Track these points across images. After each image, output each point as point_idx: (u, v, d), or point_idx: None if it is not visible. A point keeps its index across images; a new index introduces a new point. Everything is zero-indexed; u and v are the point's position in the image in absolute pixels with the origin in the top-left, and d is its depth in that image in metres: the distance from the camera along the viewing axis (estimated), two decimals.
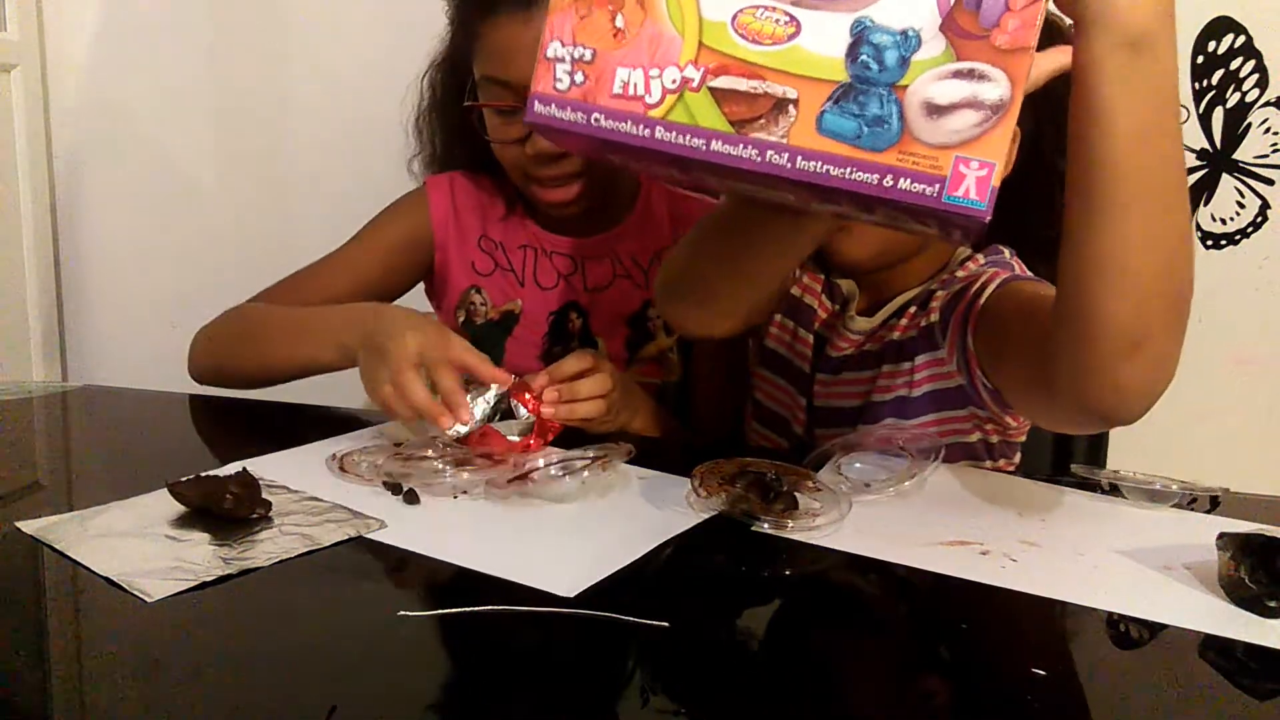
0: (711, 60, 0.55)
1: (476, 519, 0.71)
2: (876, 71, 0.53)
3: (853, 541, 0.67)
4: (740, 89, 0.55)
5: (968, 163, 0.53)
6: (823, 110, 0.54)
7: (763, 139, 0.55)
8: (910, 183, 0.54)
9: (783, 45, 0.54)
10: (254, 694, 0.49)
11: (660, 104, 0.56)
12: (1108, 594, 0.61)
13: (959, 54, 0.53)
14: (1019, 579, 0.62)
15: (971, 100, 0.53)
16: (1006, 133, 0.53)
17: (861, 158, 0.54)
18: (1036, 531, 0.70)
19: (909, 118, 0.53)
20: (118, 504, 0.71)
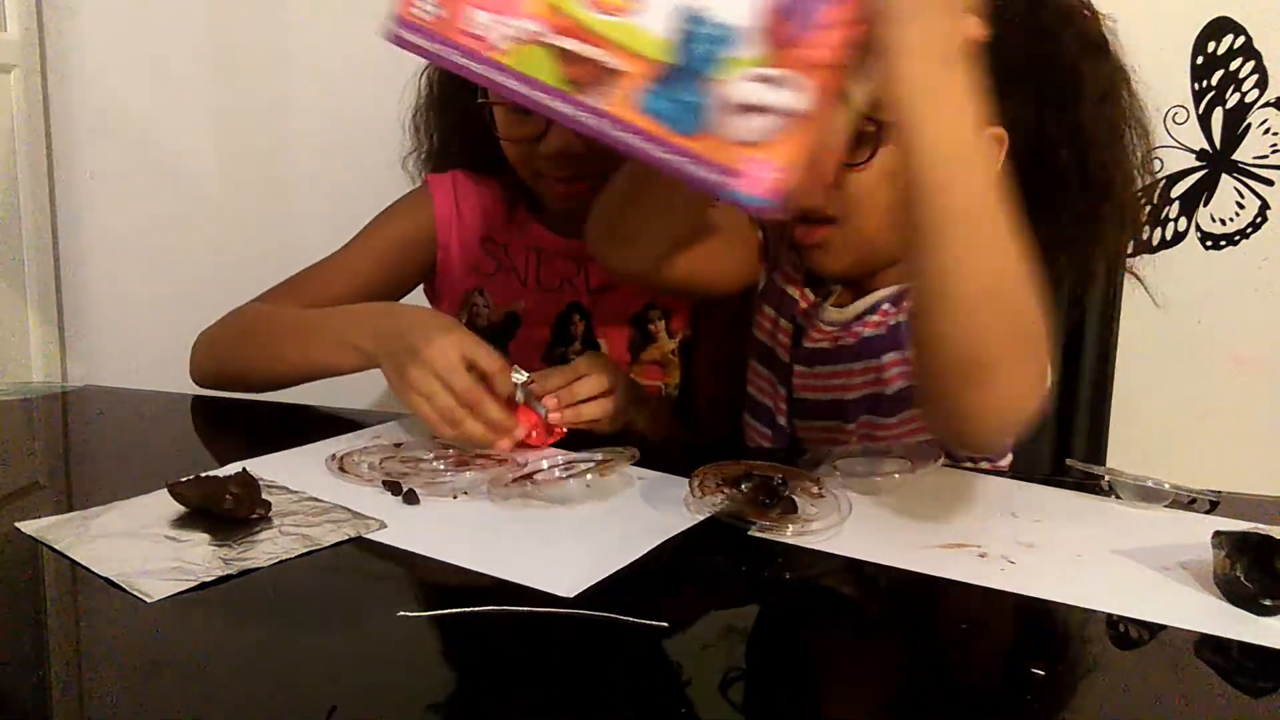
0: (556, 20, 0.59)
1: (476, 520, 0.71)
2: (697, 61, 0.56)
3: (851, 544, 0.67)
4: (577, 51, 0.59)
5: (758, 163, 0.56)
6: (644, 87, 0.58)
7: (588, 102, 0.58)
8: (704, 170, 0.57)
9: (622, 18, 0.58)
10: (254, 694, 0.49)
11: (505, 50, 0.60)
12: (1106, 595, 0.61)
13: (771, 60, 0.55)
14: (1018, 581, 0.62)
15: (773, 105, 0.56)
16: (802, 141, 0.56)
17: (669, 138, 0.57)
18: (1033, 533, 0.70)
19: (716, 111, 0.56)
20: (118, 504, 0.71)
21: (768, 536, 0.68)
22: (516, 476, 0.75)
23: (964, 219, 0.60)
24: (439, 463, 0.80)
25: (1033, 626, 0.61)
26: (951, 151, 0.59)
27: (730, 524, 0.69)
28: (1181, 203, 1.29)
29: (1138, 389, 1.28)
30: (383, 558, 0.65)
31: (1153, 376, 1.31)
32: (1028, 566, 0.64)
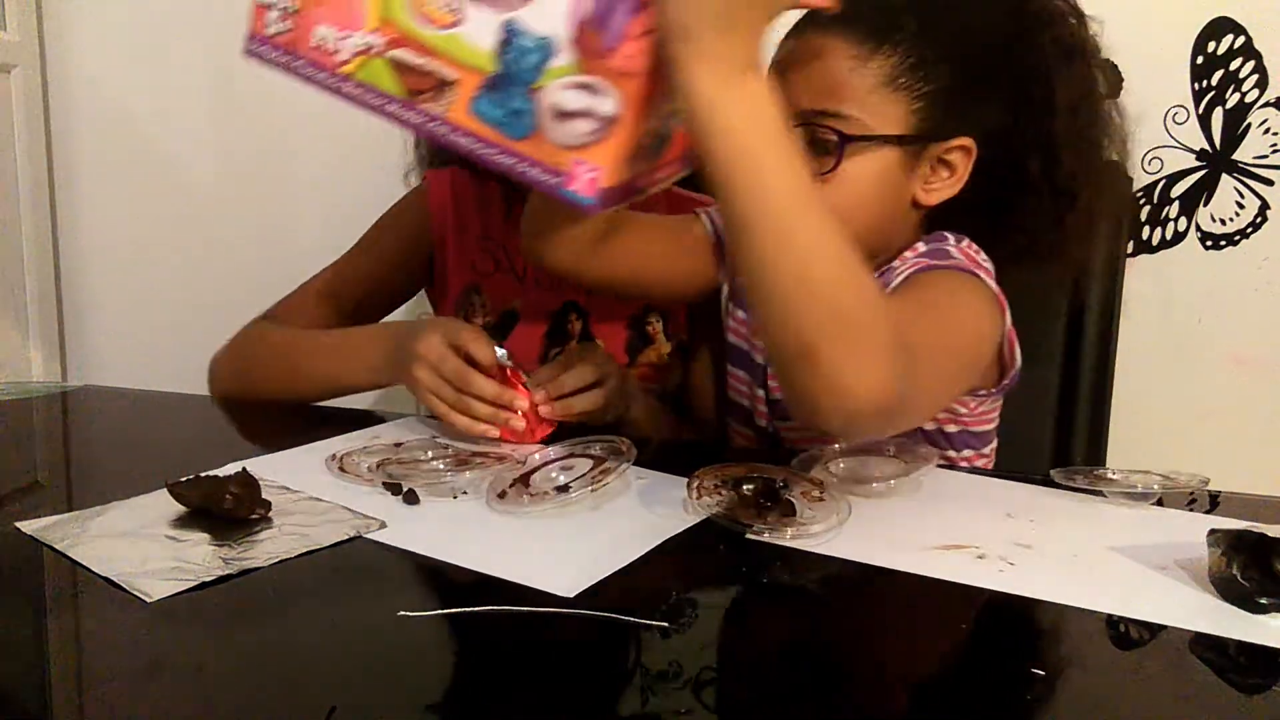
0: (391, 33, 0.62)
1: (476, 519, 0.71)
2: (518, 70, 0.60)
3: (849, 547, 0.67)
4: (413, 63, 0.62)
5: (582, 164, 0.61)
6: (475, 95, 0.61)
7: (428, 110, 0.62)
8: (538, 172, 0.62)
9: (447, 30, 0.61)
10: (254, 694, 0.49)
11: (349, 63, 0.63)
12: (1104, 595, 0.61)
13: (584, 68, 0.60)
14: (1017, 582, 0.62)
15: (589, 111, 0.60)
16: (619, 143, 0.60)
17: (503, 143, 0.62)
18: (1029, 533, 0.70)
19: (541, 116, 0.61)
20: (118, 504, 0.71)
21: (766, 539, 0.68)
22: (515, 478, 0.75)
23: (765, 220, 0.62)
24: (439, 462, 0.80)
25: (1031, 627, 0.61)
26: (744, 160, 0.62)
27: (728, 527, 0.69)
28: (1181, 203, 1.29)
29: (1138, 389, 1.28)
30: (383, 557, 0.65)
31: (1152, 376, 1.31)
32: (1025, 567, 0.64)
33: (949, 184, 0.90)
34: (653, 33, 0.59)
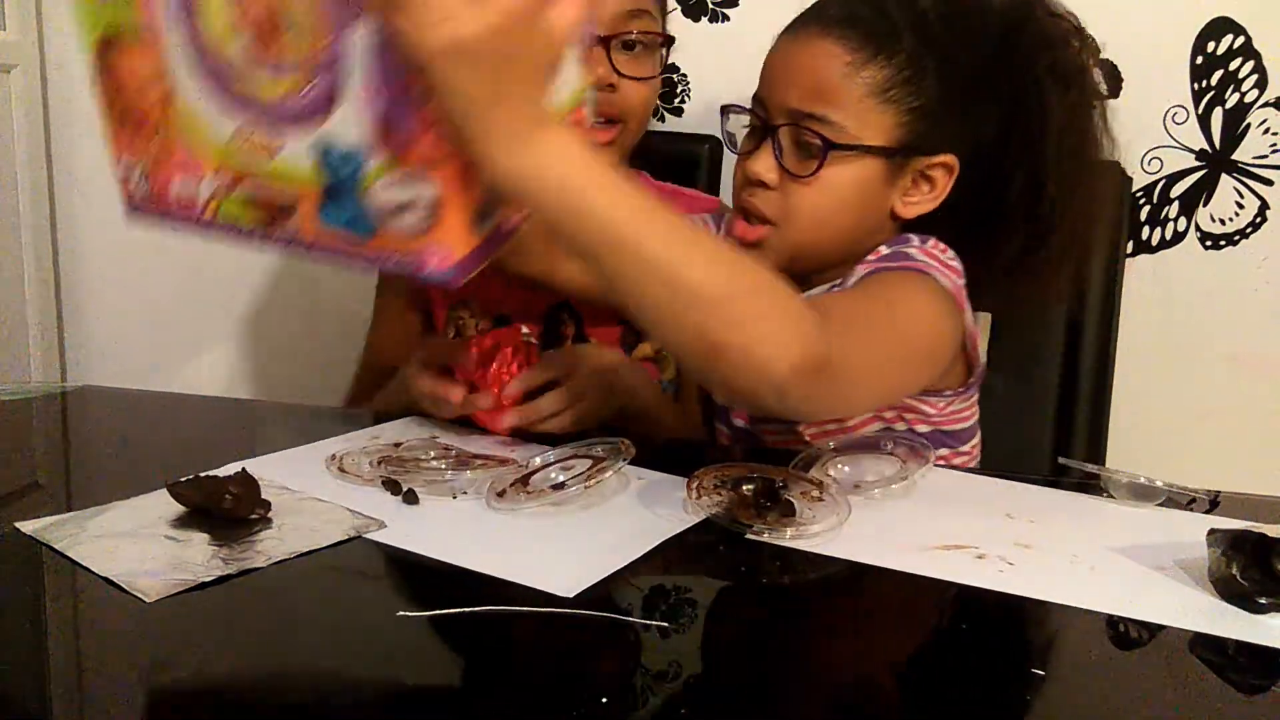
0: (229, 174, 0.66)
1: (476, 519, 0.71)
2: (342, 180, 0.64)
3: (848, 547, 0.67)
4: (256, 195, 0.66)
5: (429, 247, 0.64)
6: (317, 209, 0.65)
7: (285, 232, 0.66)
8: (396, 260, 0.66)
9: (273, 160, 0.64)
10: (253, 694, 0.50)
11: (208, 207, 0.67)
12: (1103, 595, 0.61)
13: (395, 164, 0.62)
14: (1017, 582, 0.62)
15: (415, 201, 0.63)
16: (454, 218, 0.63)
17: (357, 244, 0.65)
18: (1028, 533, 0.70)
19: (378, 214, 0.64)
20: (118, 504, 0.71)
21: (766, 540, 0.68)
22: (514, 480, 0.75)
23: (613, 250, 0.64)
24: (439, 462, 0.80)
25: (1031, 627, 0.61)
26: (566, 209, 0.63)
27: (728, 527, 0.69)
28: (1181, 203, 1.29)
29: (1137, 389, 1.28)
30: (382, 557, 0.65)
31: (1152, 376, 1.31)
32: (1025, 567, 0.64)
33: (929, 198, 0.90)
34: (440, 121, 0.61)
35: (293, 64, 0.62)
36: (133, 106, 0.67)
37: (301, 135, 0.63)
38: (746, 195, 0.90)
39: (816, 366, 0.67)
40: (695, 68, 1.36)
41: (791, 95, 0.86)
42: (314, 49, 0.61)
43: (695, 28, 1.34)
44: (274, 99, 0.63)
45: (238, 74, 0.63)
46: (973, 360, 0.89)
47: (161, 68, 0.65)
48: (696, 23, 1.34)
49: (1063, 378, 1.20)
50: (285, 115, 0.63)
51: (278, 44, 0.62)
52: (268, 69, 0.62)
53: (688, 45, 1.29)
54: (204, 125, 0.65)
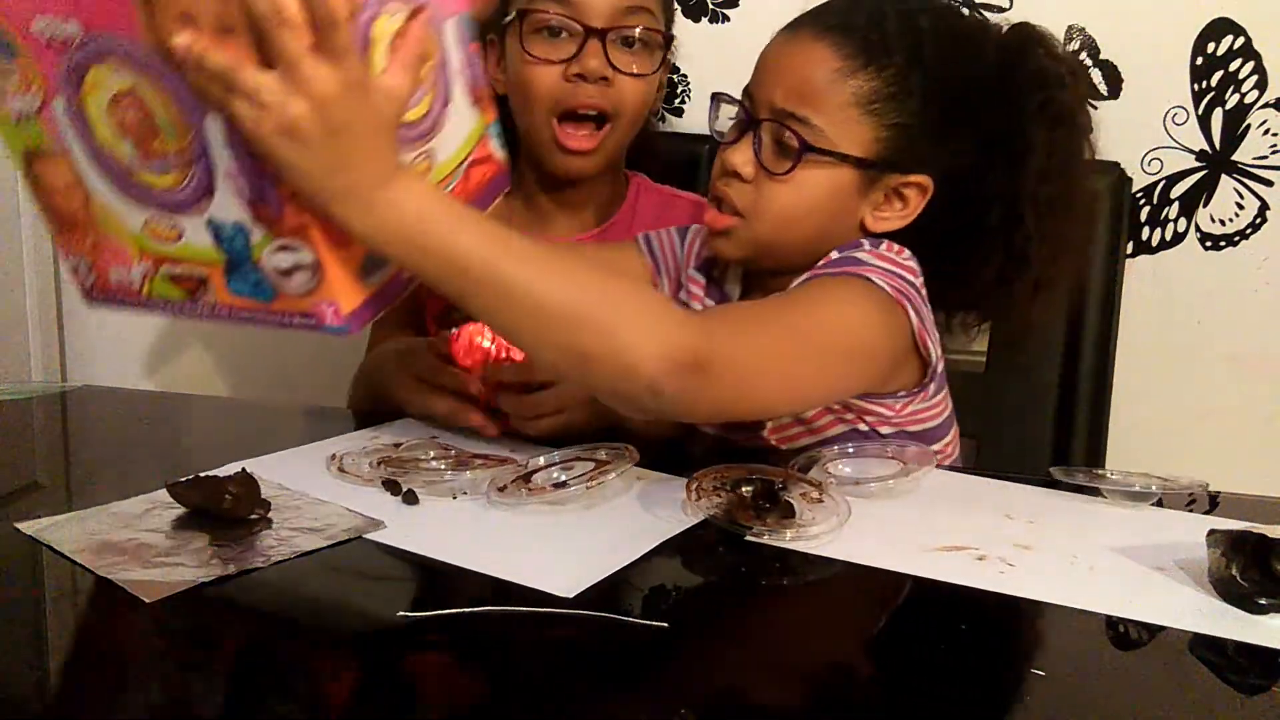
0: (150, 258, 0.73)
1: (476, 519, 0.71)
2: (237, 253, 0.70)
3: (848, 549, 0.67)
4: (176, 273, 0.73)
5: (321, 303, 0.70)
6: (225, 282, 0.72)
7: (208, 302, 0.73)
8: (298, 320, 0.72)
9: (179, 243, 0.71)
10: (252, 695, 0.50)
11: (143, 287, 0.74)
12: (1103, 596, 0.61)
13: (273, 234, 0.69)
14: (1017, 583, 0.62)
15: (298, 264, 0.69)
16: (337, 274, 0.70)
17: (264, 308, 0.72)
18: (1028, 534, 0.70)
19: (273, 280, 0.70)
20: (117, 504, 0.71)
21: (765, 541, 0.68)
22: (516, 477, 0.75)
23: (476, 285, 0.68)
24: (438, 463, 0.80)
25: (1031, 628, 0.61)
26: (425, 254, 0.68)
27: (727, 529, 0.69)
28: (1181, 203, 1.29)
29: (1137, 389, 1.28)
30: (382, 558, 0.65)
31: (1152, 377, 1.31)
32: (1025, 568, 0.64)
33: (899, 215, 0.90)
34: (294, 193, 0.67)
35: (172, 160, 0.69)
36: (64, 210, 0.75)
37: (195, 218, 0.71)
38: (721, 184, 0.91)
39: (690, 364, 0.69)
40: (695, 68, 1.36)
41: (777, 93, 0.87)
42: (182, 145, 0.68)
43: (695, 28, 1.34)
44: (164, 190, 0.70)
45: (132, 171, 0.70)
46: (926, 359, 0.89)
47: (75, 175, 0.72)
48: (696, 23, 1.34)
49: (1063, 378, 1.20)
50: (177, 204, 0.70)
51: (156, 144, 0.69)
52: (154, 166, 0.70)
53: (688, 45, 1.29)
54: (118, 220, 0.72)
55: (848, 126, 0.86)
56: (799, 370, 0.81)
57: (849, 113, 0.86)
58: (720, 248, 0.94)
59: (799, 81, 0.86)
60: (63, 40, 0.68)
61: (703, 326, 0.73)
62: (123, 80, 0.68)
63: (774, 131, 0.87)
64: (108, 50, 0.68)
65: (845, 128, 0.86)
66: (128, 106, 0.69)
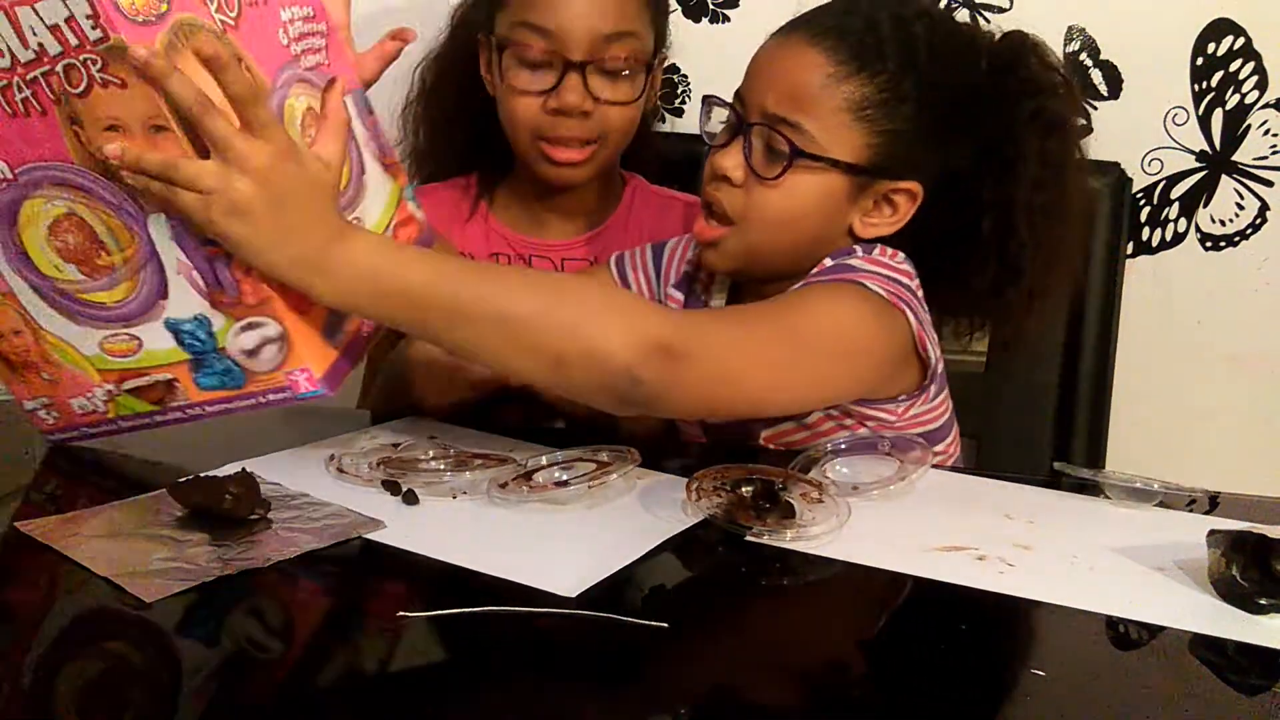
0: (111, 377, 0.75)
1: (476, 519, 0.71)
2: (201, 347, 0.74)
3: (848, 549, 0.67)
4: (141, 384, 0.75)
5: (292, 373, 0.74)
6: (193, 379, 0.75)
7: (179, 404, 0.76)
8: (273, 397, 0.76)
9: (138, 354, 0.74)
10: (252, 695, 0.50)
11: (108, 409, 0.77)
12: (1103, 596, 0.61)
13: (235, 317, 0.73)
14: (1017, 583, 0.62)
15: (265, 339, 0.73)
16: (304, 340, 0.74)
17: (236, 395, 0.76)
18: (1028, 534, 0.70)
19: (241, 363, 0.74)
20: (118, 504, 0.71)
21: (765, 541, 0.68)
22: (516, 476, 0.75)
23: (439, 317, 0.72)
24: (438, 463, 0.80)
25: (1031, 629, 0.61)
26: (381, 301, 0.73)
27: (727, 529, 0.69)
28: (1181, 204, 1.29)
29: (1137, 390, 1.28)
30: (382, 558, 0.65)
31: (1152, 377, 1.31)
32: (1025, 568, 0.64)
33: (889, 222, 0.90)
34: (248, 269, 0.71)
35: (121, 271, 0.72)
36: (13, 354, 0.77)
37: (152, 323, 0.74)
38: (712, 189, 0.91)
39: (663, 348, 0.71)
40: (695, 68, 1.36)
41: (769, 97, 0.87)
42: (128, 253, 0.72)
43: (695, 28, 1.34)
44: (117, 304, 0.73)
45: (82, 293, 0.73)
46: (925, 362, 0.89)
47: (20, 316, 0.75)
48: (697, 23, 1.34)
49: (1063, 378, 1.20)
50: (131, 314, 0.74)
51: (102, 259, 0.72)
52: (102, 283, 0.73)
53: (688, 45, 1.29)
54: (74, 349, 0.75)
55: (839, 132, 0.86)
56: (787, 366, 0.81)
57: (841, 118, 0.85)
58: (710, 259, 0.94)
59: (791, 86, 0.86)
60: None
61: (676, 316, 0.74)
62: (57, 207, 0.71)
63: (765, 136, 0.87)
64: (38, 181, 0.71)
65: (837, 133, 0.86)
66: (67, 230, 0.72)
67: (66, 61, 0.65)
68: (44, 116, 0.68)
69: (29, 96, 0.67)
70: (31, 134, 0.69)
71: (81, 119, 0.67)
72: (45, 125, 0.68)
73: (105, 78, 0.66)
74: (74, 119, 0.68)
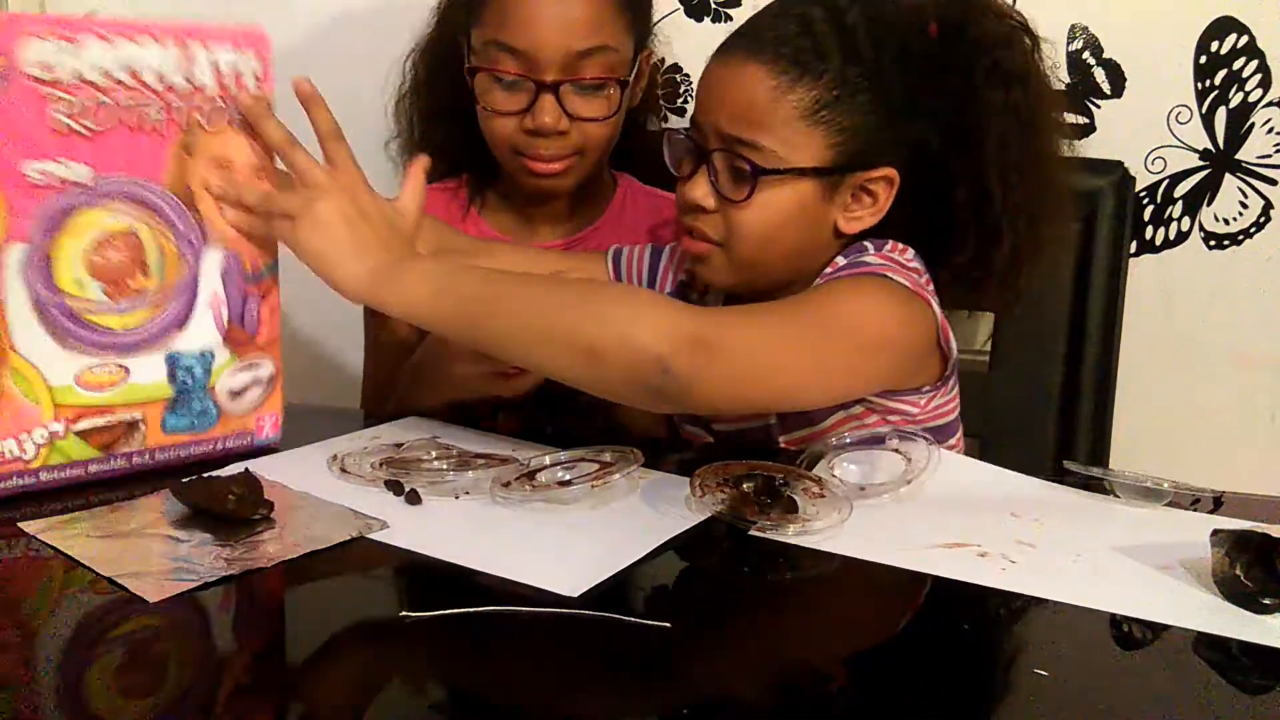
0: (69, 412, 0.72)
1: (479, 519, 0.71)
2: (193, 383, 0.78)
3: (851, 544, 0.67)
4: (99, 424, 0.74)
5: (261, 418, 0.82)
6: (162, 419, 0.77)
7: (128, 451, 0.75)
8: (232, 441, 0.81)
9: (118, 387, 0.74)
10: (256, 696, 0.50)
11: (37, 455, 0.71)
12: (1106, 594, 0.61)
13: (240, 355, 0.80)
14: (1019, 581, 0.62)
15: (254, 381, 0.81)
16: (280, 389, 0.83)
17: (198, 439, 0.79)
18: (1032, 531, 0.70)
19: (222, 404, 0.80)
20: (119, 504, 0.71)
21: (769, 536, 0.68)
22: (519, 476, 0.75)
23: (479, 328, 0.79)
24: (440, 463, 0.80)
25: (1033, 626, 0.61)
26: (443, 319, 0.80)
27: (732, 523, 0.69)
28: (1184, 202, 1.29)
29: (1141, 389, 1.28)
30: (385, 558, 0.65)
31: (1156, 376, 1.31)
32: (1028, 566, 0.64)
33: (870, 212, 0.89)
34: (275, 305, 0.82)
35: (149, 297, 0.75)
36: None
37: (153, 355, 0.76)
38: (689, 220, 0.90)
39: (696, 338, 0.73)
40: (697, 67, 1.36)
41: (722, 120, 0.86)
42: (168, 281, 0.76)
43: (697, 27, 1.34)
44: (125, 330, 0.74)
45: (89, 314, 0.73)
46: (946, 354, 0.89)
47: None
48: (699, 23, 1.34)
49: (1066, 377, 1.20)
50: (135, 343, 0.75)
51: (135, 282, 0.74)
52: (121, 306, 0.74)
53: (689, 45, 1.29)
54: (40, 375, 0.71)
55: (797, 140, 0.85)
56: (817, 359, 0.81)
57: (795, 126, 0.84)
58: (704, 275, 0.94)
59: (740, 106, 0.85)
60: (69, 181, 0.70)
61: (708, 311, 0.77)
62: (119, 222, 0.73)
63: (726, 159, 0.86)
64: (113, 193, 0.72)
65: (795, 142, 0.85)
66: (114, 247, 0.73)
67: (217, 105, 0.76)
68: (160, 139, 0.74)
69: (162, 120, 0.74)
70: (136, 149, 0.73)
71: (195, 150, 0.76)
72: (154, 145, 0.74)
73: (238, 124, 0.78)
74: (188, 148, 0.75)
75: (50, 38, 0.68)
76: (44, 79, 0.68)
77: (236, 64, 0.77)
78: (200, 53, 0.75)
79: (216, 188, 0.77)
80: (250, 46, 0.78)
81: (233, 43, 0.77)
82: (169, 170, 0.75)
